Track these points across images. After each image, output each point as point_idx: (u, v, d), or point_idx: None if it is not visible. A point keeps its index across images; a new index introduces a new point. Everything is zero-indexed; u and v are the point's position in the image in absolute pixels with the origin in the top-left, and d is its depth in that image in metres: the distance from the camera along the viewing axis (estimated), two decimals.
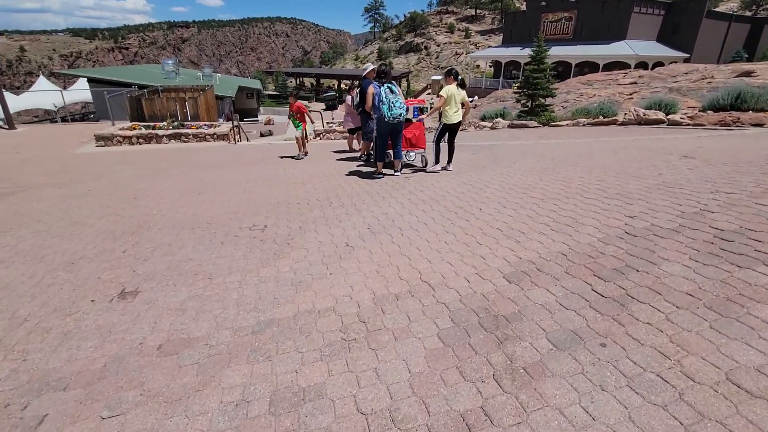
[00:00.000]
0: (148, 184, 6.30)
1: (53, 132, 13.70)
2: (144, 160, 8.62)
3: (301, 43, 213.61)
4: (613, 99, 19.64)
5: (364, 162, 7.52)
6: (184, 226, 4.22)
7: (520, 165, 5.91)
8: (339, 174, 6.42)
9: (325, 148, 9.78)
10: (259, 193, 5.42)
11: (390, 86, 5.35)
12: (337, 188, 5.41)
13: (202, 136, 11.22)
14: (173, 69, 30.28)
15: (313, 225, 3.96)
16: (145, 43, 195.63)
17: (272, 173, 6.83)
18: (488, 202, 4.15)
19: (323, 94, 48.98)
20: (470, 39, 73.98)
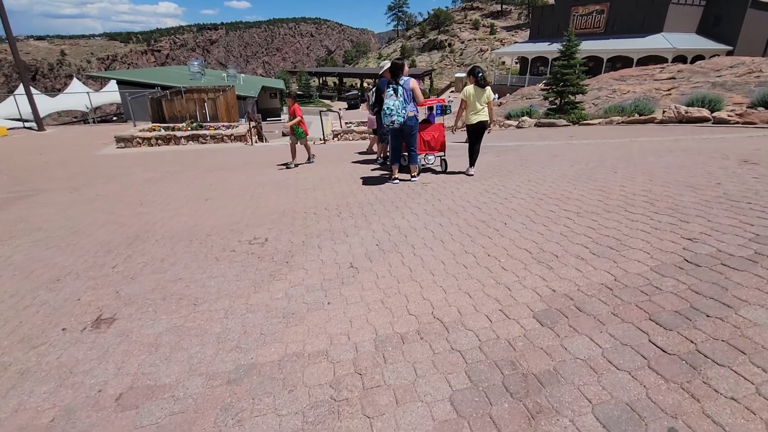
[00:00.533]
0: (157, 189, 6.12)
1: (79, 133, 13.98)
2: (159, 162, 8.52)
3: (325, 43, 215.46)
4: (649, 95, 18.47)
5: (380, 165, 7.12)
6: (182, 237, 3.94)
7: (551, 170, 5.36)
8: (353, 178, 6.04)
9: (342, 150, 9.44)
10: (266, 200, 5.11)
11: (395, 87, 4.92)
12: (348, 195, 5.03)
13: (219, 137, 11.10)
14: (199, 70, 30.76)
15: (317, 239, 3.58)
16: (176, 45, 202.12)
17: (283, 177, 6.53)
18: (515, 216, 3.66)
19: (345, 93, 48.90)
20: (495, 35, 72.29)
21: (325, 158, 8.27)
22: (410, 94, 5.03)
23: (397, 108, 4.87)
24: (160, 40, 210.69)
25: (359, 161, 7.63)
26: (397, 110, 4.88)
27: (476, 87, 5.20)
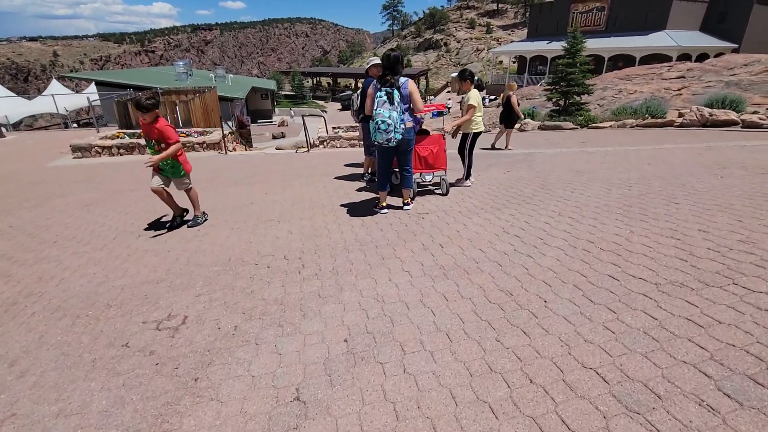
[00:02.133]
0: (88, 217, 4.88)
1: (41, 140, 12.68)
2: (111, 178, 7.27)
3: (320, 43, 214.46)
4: (658, 95, 17.38)
5: (367, 183, 5.90)
6: (73, 306, 2.72)
7: (584, 196, 4.16)
8: (331, 204, 4.82)
9: (327, 160, 8.22)
10: (213, 238, 3.88)
11: (389, 90, 3.67)
12: (320, 233, 3.80)
13: (190, 146, 9.85)
14: (185, 70, 29.40)
15: (257, 324, 2.36)
16: (170, 46, 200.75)
17: (247, 199, 5.29)
18: (557, 286, 2.45)
19: (339, 93, 47.65)
20: (492, 34, 71.32)
21: (304, 172, 7.04)
22: (407, 101, 3.80)
23: (395, 121, 3.63)
24: (154, 41, 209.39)
25: (344, 177, 6.40)
26: (395, 124, 3.63)
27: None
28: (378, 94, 3.67)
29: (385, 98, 3.64)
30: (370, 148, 5.78)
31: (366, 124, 5.69)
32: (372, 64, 5.43)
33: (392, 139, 3.68)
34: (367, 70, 5.50)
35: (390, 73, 3.69)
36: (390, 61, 3.69)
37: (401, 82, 3.72)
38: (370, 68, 5.45)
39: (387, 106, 3.63)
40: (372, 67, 5.43)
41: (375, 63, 5.43)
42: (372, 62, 5.45)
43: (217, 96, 15.40)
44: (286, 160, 8.54)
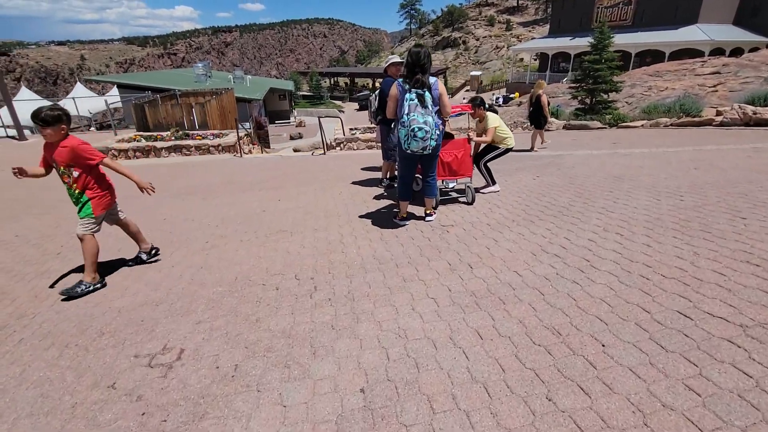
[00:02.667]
0: None
1: None
2: (123, 182, 7.12)
3: (338, 43, 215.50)
4: (691, 92, 16.45)
5: (385, 188, 5.56)
6: (59, 336, 2.46)
7: (629, 207, 3.71)
8: (347, 213, 4.49)
9: (343, 163, 7.92)
10: (221, 252, 3.61)
11: (421, 92, 3.29)
12: (335, 247, 3.48)
13: (205, 148, 9.72)
14: (204, 72, 29.69)
15: (260, 363, 2.03)
16: (192, 48, 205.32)
17: (259, 206, 5.02)
18: (614, 324, 2.04)
19: (357, 93, 47.48)
20: (512, 31, 69.95)
21: (319, 176, 6.75)
22: (437, 102, 3.43)
23: (431, 128, 3.26)
24: (176, 44, 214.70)
25: (361, 182, 6.08)
26: (432, 130, 3.27)
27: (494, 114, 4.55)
28: (408, 97, 3.29)
29: (416, 101, 3.26)
30: (389, 152, 5.45)
31: (385, 127, 5.35)
32: (391, 62, 5.09)
33: (428, 147, 3.33)
34: (385, 69, 5.17)
35: (420, 72, 3.32)
36: (419, 59, 3.31)
37: (431, 82, 3.35)
38: (389, 67, 5.12)
39: (420, 110, 3.25)
40: (391, 66, 5.09)
41: (394, 62, 5.10)
42: (391, 60, 5.11)
43: (234, 97, 15.34)
44: (301, 164, 8.29)
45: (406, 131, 3.30)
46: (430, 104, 3.30)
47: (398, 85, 3.41)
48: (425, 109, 3.28)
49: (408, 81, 3.32)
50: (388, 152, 5.45)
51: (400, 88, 3.38)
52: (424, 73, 3.34)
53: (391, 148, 5.41)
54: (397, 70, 5.13)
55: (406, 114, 3.28)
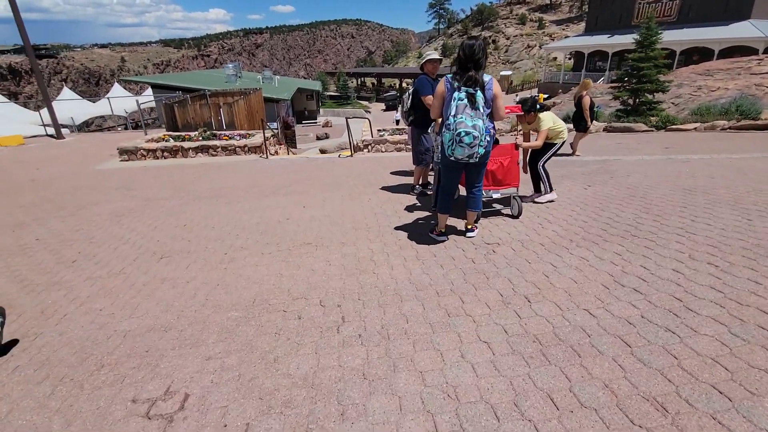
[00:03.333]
0: (116, 231, 4.50)
1: (95, 142, 13.06)
2: (150, 183, 7.02)
3: (365, 44, 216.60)
4: (747, 92, 15.14)
5: (417, 196, 5.13)
6: (55, 367, 2.17)
7: (715, 228, 3.12)
8: (377, 223, 4.09)
9: (371, 167, 7.54)
10: (239, 269, 3.27)
11: (472, 91, 2.83)
12: (365, 266, 3.08)
13: (231, 149, 9.57)
14: (234, 72, 30.13)
15: (275, 430, 1.66)
16: (224, 49, 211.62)
17: (283, 214, 4.70)
18: (739, 399, 1.54)
19: (384, 94, 47.17)
20: (544, 30, 67.89)
21: (347, 181, 6.38)
22: (490, 104, 2.96)
23: (481, 133, 2.82)
24: (210, 45, 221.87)
25: (391, 188, 5.66)
26: (481, 136, 2.83)
27: None
28: (456, 96, 2.84)
29: (465, 101, 2.82)
30: (420, 156, 5.01)
31: (419, 130, 4.93)
32: (429, 59, 4.66)
33: (475, 155, 2.88)
34: (422, 66, 4.74)
35: (474, 68, 2.86)
36: (474, 53, 2.85)
37: (485, 80, 2.90)
38: (425, 64, 4.69)
39: (469, 112, 2.81)
40: (428, 62, 4.66)
41: (432, 58, 4.66)
42: (429, 57, 4.68)
43: (263, 97, 15.28)
44: (327, 167, 7.96)
45: (451, 135, 2.85)
46: (482, 106, 2.84)
47: (446, 82, 2.97)
48: (475, 111, 2.83)
49: (458, 78, 2.88)
50: (420, 156, 5.02)
51: (448, 85, 2.94)
52: (478, 69, 2.89)
53: (422, 151, 4.98)
54: (434, 68, 4.69)
55: (452, 115, 2.84)
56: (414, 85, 4.73)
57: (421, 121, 4.83)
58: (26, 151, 11.46)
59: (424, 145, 4.91)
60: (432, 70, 4.67)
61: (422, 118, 4.77)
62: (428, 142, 4.88)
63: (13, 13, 11.82)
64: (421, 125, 4.85)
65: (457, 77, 2.91)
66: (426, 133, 4.87)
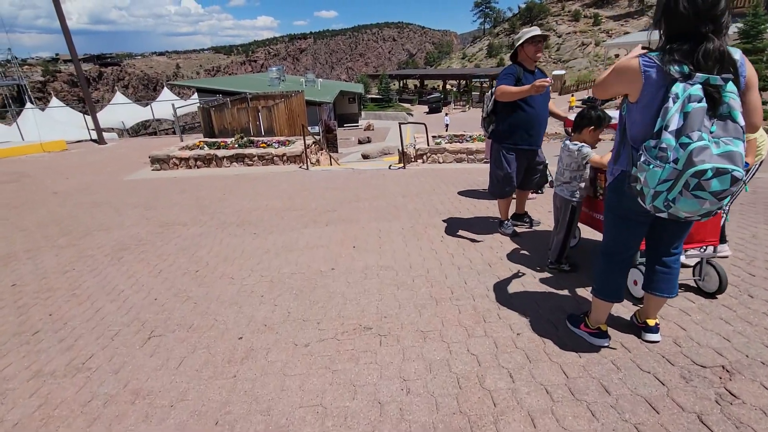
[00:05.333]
0: (105, 280, 3.41)
1: (135, 147, 12.61)
2: (172, 201, 6.03)
3: (406, 47, 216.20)
4: None
5: (511, 237, 3.66)
6: None
7: None
8: (467, 289, 2.68)
9: (429, 182, 6.15)
10: (250, 386, 1.98)
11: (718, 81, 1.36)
12: (474, 403, 1.69)
13: (269, 158, 8.53)
14: (277, 76, 29.87)
15: None
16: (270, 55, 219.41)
17: (325, 259, 3.40)
18: None
19: (427, 96, 45.64)
20: (600, 26, 63.51)
21: (403, 205, 5.03)
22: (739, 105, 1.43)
23: (741, 165, 1.38)
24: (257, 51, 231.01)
25: (467, 220, 4.24)
26: (743, 176, 1.38)
27: None
28: (683, 94, 1.39)
29: (704, 105, 1.38)
30: (501, 182, 3.54)
31: (501, 146, 3.47)
32: (528, 37, 3.21)
33: (713, 212, 1.45)
34: (515, 51, 3.31)
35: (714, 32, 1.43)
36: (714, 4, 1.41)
37: (735, 57, 1.45)
38: (524, 46, 3.24)
39: (718, 128, 1.38)
40: (529, 42, 3.22)
41: (535, 35, 3.20)
42: (528, 34, 3.22)
43: (305, 101, 14.34)
44: (377, 182, 6.66)
45: (679, 176, 1.40)
46: (738, 112, 1.38)
47: (645, 62, 1.53)
48: (725, 124, 1.38)
49: (680, 55, 1.44)
50: (498, 184, 3.55)
51: (651, 68, 1.51)
52: (719, 33, 1.43)
53: (501, 178, 3.49)
54: (537, 50, 3.22)
55: (676, 133, 1.39)
56: (502, 78, 3.28)
57: (506, 133, 3.36)
58: (66, 157, 11.12)
59: (506, 170, 3.43)
60: (533, 54, 3.22)
61: (508, 128, 3.33)
62: (511, 165, 3.41)
63: (62, 26, 11.56)
64: (505, 139, 3.38)
65: (674, 54, 1.46)
66: (511, 151, 3.39)
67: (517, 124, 3.23)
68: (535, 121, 3.23)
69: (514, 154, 3.36)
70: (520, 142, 3.30)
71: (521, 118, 3.20)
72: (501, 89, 3.08)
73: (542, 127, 3.30)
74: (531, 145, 3.31)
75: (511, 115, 3.23)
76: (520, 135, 3.27)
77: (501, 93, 3.09)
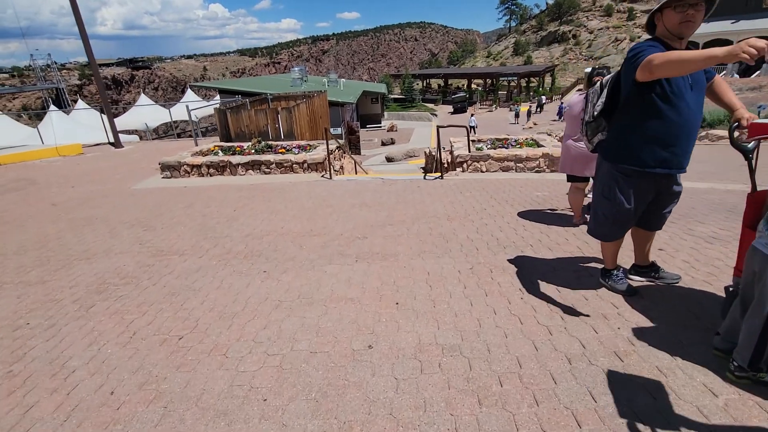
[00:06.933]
0: (63, 343, 2.51)
1: (150, 151, 11.99)
2: (176, 217, 5.17)
3: (428, 46, 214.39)
4: None
5: (625, 294, 2.54)
6: None
7: None
8: (595, 411, 1.62)
9: (478, 199, 5.06)
10: None
11: None
12: None
13: (288, 165, 7.63)
14: (300, 76, 29.23)
15: None
16: (293, 57, 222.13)
17: (357, 328, 2.38)
18: None
19: (451, 95, 44.27)
20: (635, 21, 60.35)
21: (451, 231, 3.97)
22: None
23: None
24: (281, 53, 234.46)
25: (547, 263, 3.14)
26: None
27: None
28: None
29: None
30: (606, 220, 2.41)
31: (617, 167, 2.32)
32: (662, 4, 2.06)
33: None
34: (652, 20, 2.19)
35: None
36: None
37: None
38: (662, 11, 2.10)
39: None
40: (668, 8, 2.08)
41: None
42: None
43: (327, 101, 13.45)
44: (413, 196, 5.62)
45: None
46: None
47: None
48: None
49: None
50: (609, 221, 2.41)
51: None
52: None
53: (618, 213, 2.35)
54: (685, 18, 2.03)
55: None
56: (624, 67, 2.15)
57: (630, 148, 2.19)
58: (80, 162, 10.58)
59: (620, 204, 2.28)
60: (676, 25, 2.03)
61: (636, 141, 2.17)
62: (631, 198, 2.27)
63: (80, 31, 11.06)
64: (627, 157, 2.21)
65: None
66: (635, 176, 2.23)
67: (653, 135, 2.10)
68: (683, 130, 2.08)
69: (639, 181, 2.23)
70: (652, 164, 2.14)
71: (661, 124, 2.07)
72: (662, 58, 1.79)
73: (692, 139, 2.15)
74: (671, 167, 2.16)
75: (643, 120, 2.11)
76: (654, 152, 2.11)
77: (661, 63, 1.79)
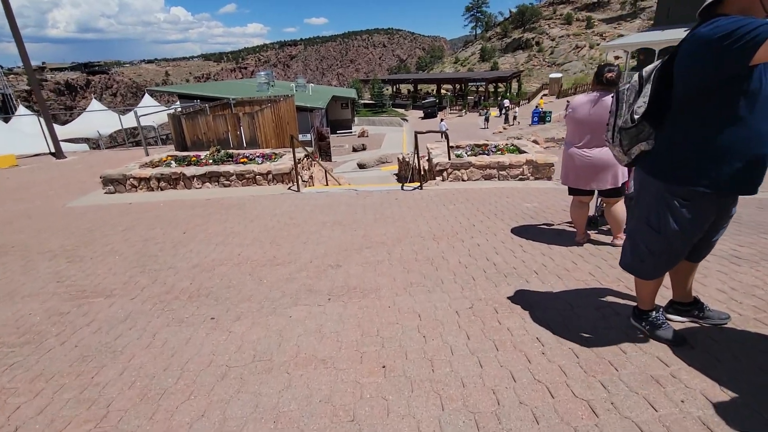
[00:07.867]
0: None
1: (96, 162, 10.79)
2: (111, 244, 4.33)
3: (396, 53, 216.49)
4: None
5: (674, 345, 2.02)
6: None
7: None
8: None
9: (464, 213, 4.53)
10: None
11: None
12: None
13: (250, 177, 6.86)
14: (266, 81, 28.12)
15: None
16: (260, 62, 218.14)
17: (327, 400, 1.76)
18: None
19: (421, 101, 44.28)
20: (593, 29, 63.02)
21: (439, 252, 3.40)
22: None
23: None
24: (247, 58, 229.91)
25: (558, 297, 2.62)
26: None
27: None
28: None
29: None
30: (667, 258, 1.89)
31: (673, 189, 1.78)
32: None
33: None
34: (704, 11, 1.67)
35: None
36: None
37: None
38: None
39: None
40: None
41: None
42: None
43: (295, 106, 12.68)
44: (392, 211, 5.03)
45: None
46: None
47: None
48: None
49: None
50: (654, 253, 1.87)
51: None
52: None
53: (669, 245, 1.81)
54: None
55: None
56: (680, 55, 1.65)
57: (696, 164, 1.65)
58: (11, 175, 9.30)
59: (671, 233, 1.75)
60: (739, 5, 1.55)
61: (705, 154, 1.62)
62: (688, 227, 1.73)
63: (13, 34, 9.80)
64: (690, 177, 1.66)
65: None
66: (698, 200, 1.67)
67: (732, 146, 1.56)
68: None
69: (701, 203, 1.69)
70: (730, 184, 1.63)
71: (746, 131, 1.54)
72: None
73: None
74: (750, 189, 1.62)
75: (721, 125, 1.56)
76: (733, 169, 1.58)
77: None
